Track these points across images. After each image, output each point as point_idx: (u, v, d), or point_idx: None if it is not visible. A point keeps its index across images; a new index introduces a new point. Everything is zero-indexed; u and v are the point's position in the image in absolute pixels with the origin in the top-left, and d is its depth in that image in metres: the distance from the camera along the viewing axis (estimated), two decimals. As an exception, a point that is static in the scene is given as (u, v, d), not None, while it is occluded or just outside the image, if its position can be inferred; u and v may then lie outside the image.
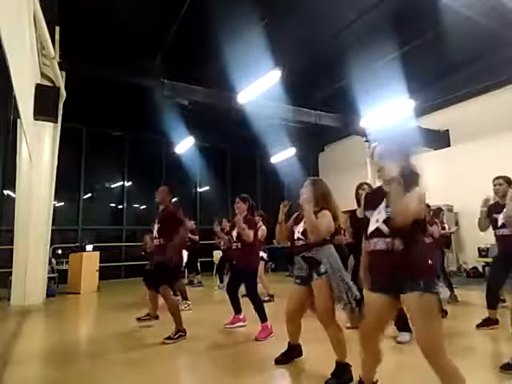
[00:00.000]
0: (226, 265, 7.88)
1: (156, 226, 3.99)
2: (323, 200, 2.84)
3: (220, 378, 2.90)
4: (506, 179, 3.74)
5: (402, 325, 3.47)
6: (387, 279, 1.94)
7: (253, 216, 4.29)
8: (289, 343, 3.08)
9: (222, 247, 7.21)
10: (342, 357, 2.62)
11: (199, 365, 3.20)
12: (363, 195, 2.30)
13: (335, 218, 2.80)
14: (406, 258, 1.85)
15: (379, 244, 1.94)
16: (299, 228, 2.89)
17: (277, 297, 5.92)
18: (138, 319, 4.59)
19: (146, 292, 4.97)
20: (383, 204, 1.97)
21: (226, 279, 5.49)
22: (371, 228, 1.99)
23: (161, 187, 4.15)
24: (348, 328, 3.74)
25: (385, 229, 1.92)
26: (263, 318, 3.89)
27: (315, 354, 3.09)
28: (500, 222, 3.74)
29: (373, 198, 2.10)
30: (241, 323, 4.33)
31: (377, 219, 1.97)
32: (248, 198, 4.29)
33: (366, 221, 2.07)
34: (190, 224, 7.95)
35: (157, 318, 4.66)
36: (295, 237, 2.91)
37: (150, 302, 4.69)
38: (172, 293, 5.94)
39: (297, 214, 3.03)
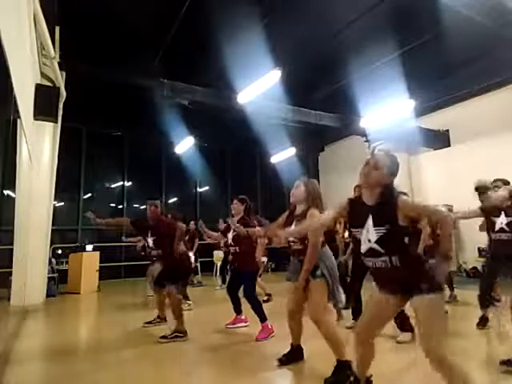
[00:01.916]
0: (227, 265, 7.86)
1: (151, 239, 4.16)
2: (313, 200, 2.88)
3: (220, 377, 2.90)
4: (504, 182, 3.72)
5: (403, 324, 3.48)
6: (392, 288, 1.97)
7: (249, 218, 4.21)
8: (291, 345, 3.07)
9: (223, 248, 7.19)
10: (340, 354, 2.61)
11: (199, 365, 3.21)
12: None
13: None
14: (405, 272, 1.87)
15: (377, 262, 1.95)
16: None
17: (276, 296, 5.92)
18: (149, 323, 4.53)
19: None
20: (370, 222, 1.92)
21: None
22: (364, 248, 1.97)
23: (151, 208, 4.23)
24: (348, 328, 3.75)
25: (379, 249, 1.91)
26: (262, 317, 3.89)
27: (317, 352, 3.07)
28: (498, 226, 3.72)
29: (357, 213, 2.01)
30: (242, 324, 4.33)
31: (368, 239, 1.94)
32: (246, 199, 4.23)
33: (354, 239, 2.03)
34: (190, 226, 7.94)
35: (165, 319, 4.57)
36: (289, 239, 2.93)
37: (157, 304, 4.59)
38: (182, 297, 5.93)
39: (287, 214, 3.02)
